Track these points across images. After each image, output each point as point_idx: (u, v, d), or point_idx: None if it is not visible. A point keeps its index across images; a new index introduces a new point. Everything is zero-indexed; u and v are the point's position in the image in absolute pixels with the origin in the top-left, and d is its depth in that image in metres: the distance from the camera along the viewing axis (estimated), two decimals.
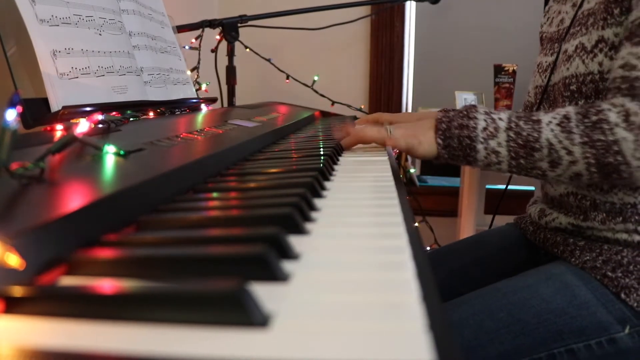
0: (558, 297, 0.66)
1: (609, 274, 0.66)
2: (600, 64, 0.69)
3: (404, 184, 0.52)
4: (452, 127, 0.67)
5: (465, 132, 0.67)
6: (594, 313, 0.64)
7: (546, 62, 0.83)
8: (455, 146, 0.67)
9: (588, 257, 0.70)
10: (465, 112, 0.68)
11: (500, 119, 0.67)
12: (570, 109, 0.65)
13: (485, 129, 0.66)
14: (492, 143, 0.66)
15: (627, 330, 0.64)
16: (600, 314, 0.64)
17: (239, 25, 1.34)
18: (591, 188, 0.72)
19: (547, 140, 0.63)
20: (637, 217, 0.69)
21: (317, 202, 0.44)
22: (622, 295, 0.65)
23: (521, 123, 0.65)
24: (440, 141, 0.68)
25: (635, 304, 0.64)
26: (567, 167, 0.63)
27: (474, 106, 0.70)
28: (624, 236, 0.69)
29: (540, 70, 0.84)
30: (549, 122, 0.64)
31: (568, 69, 0.73)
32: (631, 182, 0.64)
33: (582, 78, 0.71)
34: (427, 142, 0.69)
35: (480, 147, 0.66)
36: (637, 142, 0.60)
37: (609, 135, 0.60)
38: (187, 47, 1.29)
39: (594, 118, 0.62)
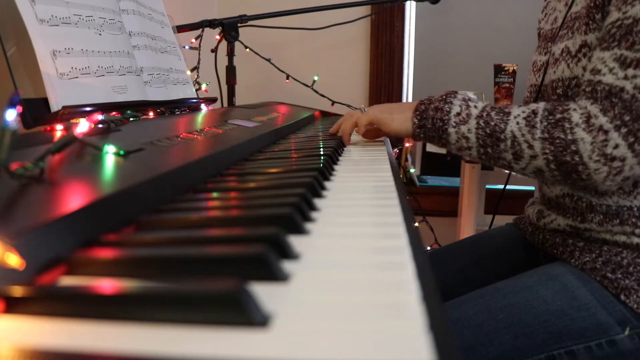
0: (558, 299, 0.66)
1: (609, 275, 0.66)
2: (584, 68, 0.69)
3: (404, 184, 0.52)
4: (429, 108, 0.72)
5: (439, 115, 0.71)
6: (594, 314, 0.64)
7: (540, 61, 0.83)
8: (429, 127, 0.72)
9: (588, 259, 0.69)
10: (444, 97, 0.73)
11: (475, 107, 0.71)
12: (541, 105, 0.67)
13: (458, 114, 0.70)
14: (463, 128, 0.69)
15: (627, 332, 0.63)
16: (600, 315, 0.64)
17: (239, 25, 1.34)
18: (586, 190, 0.71)
19: (512, 132, 0.66)
20: (634, 220, 0.68)
21: (317, 202, 0.44)
22: (622, 297, 0.64)
23: (493, 113, 0.69)
24: (416, 120, 0.73)
25: (635, 306, 0.64)
26: (528, 160, 0.66)
27: (454, 92, 0.73)
28: (623, 238, 0.69)
29: (534, 69, 0.85)
30: (517, 115, 0.67)
31: (555, 72, 0.74)
32: (592, 185, 0.64)
33: (568, 82, 0.71)
34: (401, 119, 0.75)
35: (451, 130, 0.70)
36: (595, 145, 0.61)
37: (568, 134, 0.62)
38: (187, 47, 1.29)
39: (558, 116, 0.64)
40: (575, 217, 0.74)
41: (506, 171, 0.76)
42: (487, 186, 1.59)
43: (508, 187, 1.04)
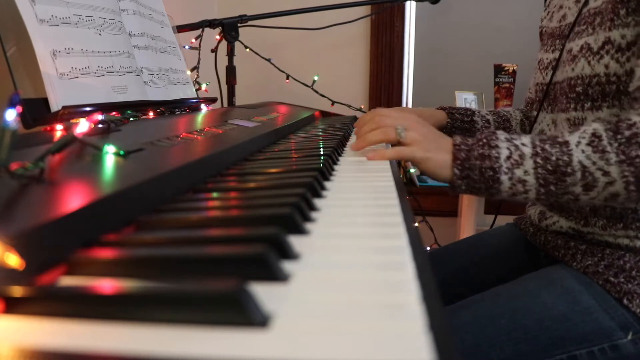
0: (560, 303, 0.65)
1: (612, 279, 0.65)
2: (607, 66, 0.66)
3: (404, 184, 0.51)
4: (471, 157, 0.62)
5: (488, 163, 0.61)
6: (596, 319, 0.63)
7: (547, 59, 0.81)
8: (477, 178, 0.62)
9: (590, 262, 0.69)
10: (485, 141, 0.62)
11: (523, 144, 0.62)
12: (597, 126, 0.61)
13: (509, 157, 0.61)
14: (518, 172, 0.61)
15: (629, 337, 0.63)
16: (602, 320, 0.63)
17: (239, 25, 1.34)
18: None
19: (580, 162, 0.59)
20: (637, 224, 0.67)
21: (317, 202, 0.44)
22: (625, 301, 0.64)
23: (547, 147, 0.61)
24: (457, 172, 0.62)
25: (638, 310, 0.63)
26: (603, 188, 0.59)
27: (494, 132, 0.64)
28: (626, 241, 0.68)
29: (541, 67, 0.82)
30: (577, 142, 0.60)
31: (573, 69, 0.71)
32: None
33: (588, 80, 0.68)
34: (438, 162, 0.64)
35: (504, 177, 0.61)
36: None
37: None
38: (187, 47, 1.29)
39: (627, 133, 0.58)
40: (578, 220, 0.73)
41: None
42: None
43: None
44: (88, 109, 0.62)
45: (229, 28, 1.32)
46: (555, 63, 0.78)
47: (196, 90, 1.07)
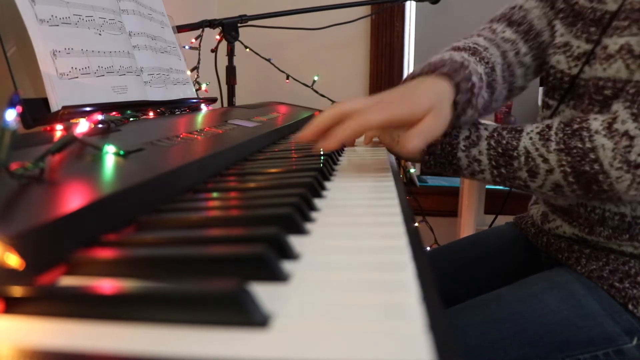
0: (564, 307, 0.64)
1: (617, 284, 0.65)
2: None
3: (404, 184, 0.51)
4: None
5: (448, 140, 0.66)
6: (600, 324, 0.63)
7: (578, 47, 0.71)
8: (439, 153, 0.67)
9: (594, 267, 0.68)
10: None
11: (485, 128, 0.66)
12: (556, 119, 0.63)
13: (467, 137, 0.66)
14: (474, 151, 0.65)
15: (634, 342, 0.62)
16: (607, 324, 0.63)
17: (239, 25, 1.34)
18: (609, 202, 0.67)
19: (525, 147, 0.62)
20: None
21: (317, 202, 0.44)
22: (630, 307, 0.63)
23: (504, 132, 0.64)
24: (425, 147, 0.67)
25: None
26: (544, 176, 0.61)
27: None
28: (630, 249, 0.68)
29: (568, 54, 0.72)
30: (530, 130, 0.63)
31: (605, 69, 0.64)
32: (615, 196, 0.59)
33: (622, 85, 0.62)
34: None
35: (461, 154, 0.66)
36: (616, 151, 0.56)
37: (587, 142, 0.58)
38: (187, 47, 1.29)
39: (576, 126, 0.60)
40: (582, 227, 0.71)
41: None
42: (487, 186, 1.58)
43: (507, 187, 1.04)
44: (88, 109, 0.62)
45: (229, 28, 1.32)
46: (589, 55, 0.69)
47: (196, 90, 1.07)
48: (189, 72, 1.05)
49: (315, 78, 1.58)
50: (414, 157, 0.71)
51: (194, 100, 1.00)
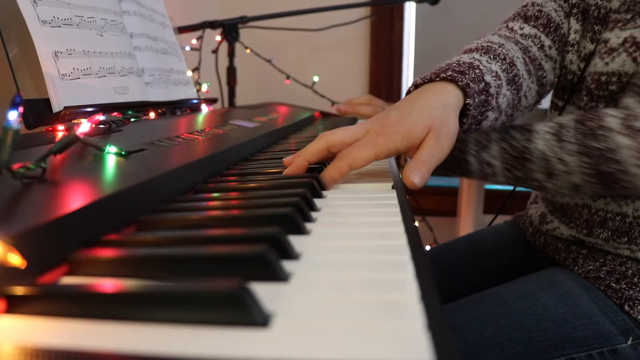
0: (560, 306, 0.65)
1: (613, 285, 0.65)
2: None
3: (404, 184, 0.51)
4: None
5: (457, 145, 0.63)
6: (596, 323, 0.63)
7: (584, 47, 0.70)
8: (447, 158, 0.63)
9: (591, 267, 0.68)
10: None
11: (495, 130, 0.64)
12: (569, 116, 0.61)
13: (477, 140, 0.64)
14: (485, 155, 0.63)
15: (629, 342, 0.62)
16: (602, 324, 0.63)
17: (240, 26, 1.34)
18: (629, 197, 0.67)
19: (540, 150, 0.60)
20: None
21: (317, 202, 0.44)
22: (626, 307, 0.63)
23: (515, 134, 0.62)
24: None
25: (639, 316, 0.63)
26: (563, 177, 0.59)
27: None
28: (627, 252, 0.68)
29: (578, 54, 0.71)
30: (544, 130, 0.61)
31: (607, 63, 0.63)
32: (632, 191, 0.59)
33: (628, 78, 0.61)
34: None
35: (471, 159, 0.64)
36: (637, 149, 0.55)
37: (606, 142, 0.56)
38: (187, 48, 1.30)
39: (590, 124, 0.58)
40: (580, 229, 0.71)
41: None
42: (486, 186, 1.58)
43: (508, 187, 1.03)
44: (89, 109, 0.62)
45: (230, 29, 1.32)
46: (589, 55, 0.68)
47: (197, 91, 1.07)
48: (189, 73, 1.05)
49: (315, 79, 1.58)
50: None
51: (195, 101, 1.00)
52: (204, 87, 1.28)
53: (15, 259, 0.25)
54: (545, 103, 0.82)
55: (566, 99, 0.74)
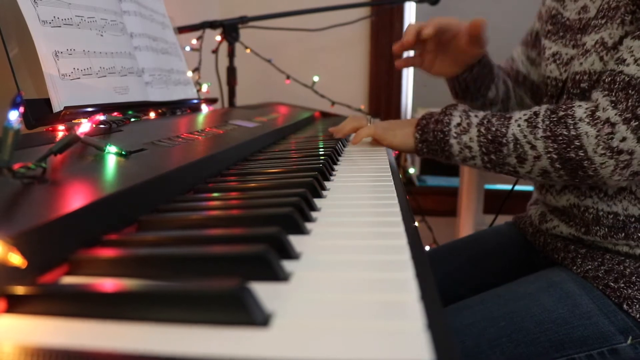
0: (560, 307, 0.65)
1: (612, 284, 0.66)
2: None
3: (404, 184, 0.52)
4: (430, 122, 0.72)
5: (440, 127, 0.71)
6: (595, 323, 0.64)
7: (566, 53, 0.75)
8: (431, 140, 0.71)
9: (590, 266, 0.69)
10: (444, 110, 0.72)
11: (475, 116, 0.70)
12: (543, 106, 0.66)
13: (459, 124, 0.70)
14: (465, 138, 0.69)
15: (629, 341, 0.63)
16: (602, 324, 0.63)
17: (240, 26, 1.34)
18: (594, 193, 0.70)
19: (513, 134, 0.65)
20: (639, 234, 0.67)
21: (317, 202, 0.44)
22: (625, 306, 0.64)
23: (493, 120, 0.68)
24: (417, 135, 0.72)
25: (638, 315, 0.63)
26: (532, 162, 0.65)
27: (455, 104, 0.73)
28: (625, 249, 0.68)
29: (559, 62, 0.76)
30: (518, 117, 0.66)
31: (581, 64, 0.68)
32: (600, 181, 0.63)
33: (597, 76, 0.66)
34: (403, 135, 0.75)
35: (453, 141, 0.70)
36: (599, 138, 0.59)
37: (571, 129, 0.61)
38: (188, 48, 1.30)
39: (561, 113, 0.63)
40: (579, 227, 0.73)
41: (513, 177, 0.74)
42: (486, 186, 1.58)
43: (507, 187, 1.04)
44: (90, 109, 0.63)
45: (230, 29, 1.32)
46: (570, 59, 0.74)
47: (197, 91, 1.08)
48: (190, 73, 1.06)
49: (315, 79, 1.58)
50: (408, 147, 0.75)
51: (195, 101, 1.00)
52: (204, 87, 1.28)
53: (16, 259, 0.25)
54: None
55: (554, 102, 0.78)
